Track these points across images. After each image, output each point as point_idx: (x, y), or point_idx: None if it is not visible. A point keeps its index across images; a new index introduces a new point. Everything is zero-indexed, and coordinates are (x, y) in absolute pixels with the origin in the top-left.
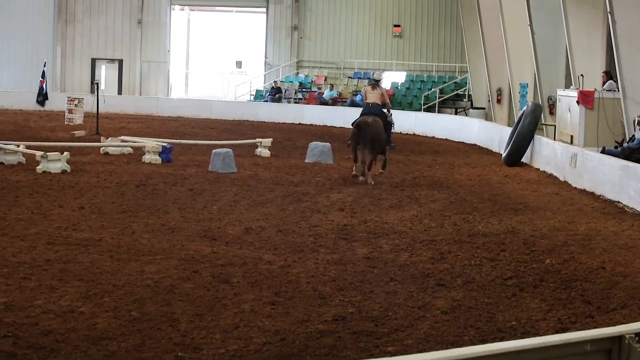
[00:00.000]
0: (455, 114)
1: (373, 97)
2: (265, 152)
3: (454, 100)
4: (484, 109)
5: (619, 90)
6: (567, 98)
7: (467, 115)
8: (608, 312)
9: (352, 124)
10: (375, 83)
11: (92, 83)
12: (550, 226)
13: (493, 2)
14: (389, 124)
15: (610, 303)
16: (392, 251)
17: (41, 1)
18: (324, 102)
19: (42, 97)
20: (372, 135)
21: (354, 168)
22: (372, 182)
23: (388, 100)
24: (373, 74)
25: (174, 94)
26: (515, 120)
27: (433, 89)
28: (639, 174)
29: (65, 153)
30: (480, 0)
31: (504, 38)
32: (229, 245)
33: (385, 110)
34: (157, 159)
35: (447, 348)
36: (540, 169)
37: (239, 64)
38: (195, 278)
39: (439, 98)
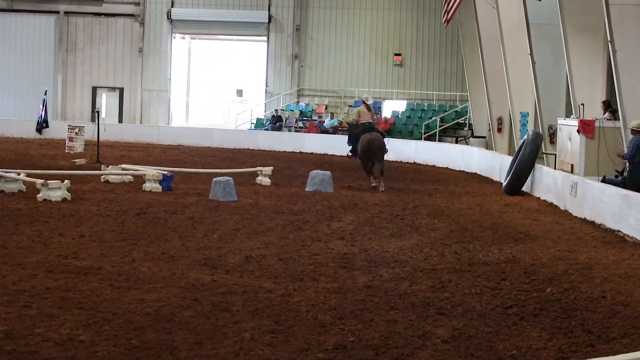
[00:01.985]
0: (456, 142)
1: (368, 117)
2: (266, 181)
3: (454, 129)
4: (484, 137)
5: (619, 119)
6: (567, 127)
7: (467, 144)
8: (609, 341)
9: (352, 141)
10: (367, 104)
11: (92, 111)
12: (551, 255)
13: (494, 31)
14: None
15: (611, 332)
16: (392, 280)
17: (42, 29)
18: (324, 131)
19: (41, 125)
20: (380, 149)
21: (372, 180)
22: (384, 189)
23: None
24: (364, 95)
25: (175, 122)
26: (516, 149)
27: (434, 118)
28: (639, 203)
29: (66, 181)
30: (481, 29)
31: (505, 67)
32: (229, 274)
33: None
34: (157, 187)
35: None
36: (541, 198)
37: (239, 92)
38: (196, 306)
39: (440, 127)
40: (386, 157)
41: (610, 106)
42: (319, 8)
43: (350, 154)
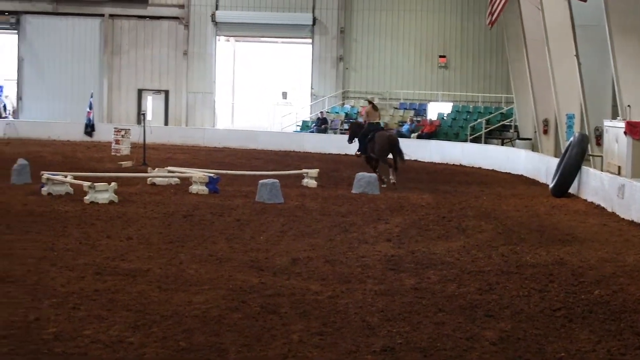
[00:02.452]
0: (502, 144)
1: (376, 117)
2: (312, 183)
3: (500, 131)
4: (530, 139)
5: None
6: (614, 129)
7: (513, 146)
8: None
9: (361, 140)
10: (374, 105)
11: (138, 114)
12: (599, 257)
13: (539, 32)
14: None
15: None
16: (439, 282)
17: (88, 33)
18: None
19: (90, 127)
20: (398, 146)
21: (390, 176)
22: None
23: None
24: (372, 98)
25: (220, 125)
26: (562, 151)
27: (479, 120)
28: None
29: (113, 183)
30: (526, 30)
31: (550, 68)
32: (276, 276)
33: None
34: (204, 190)
35: None
36: (588, 200)
37: (284, 95)
38: (244, 308)
39: (485, 129)
40: (433, 158)
41: None
42: (363, 10)
43: (359, 152)
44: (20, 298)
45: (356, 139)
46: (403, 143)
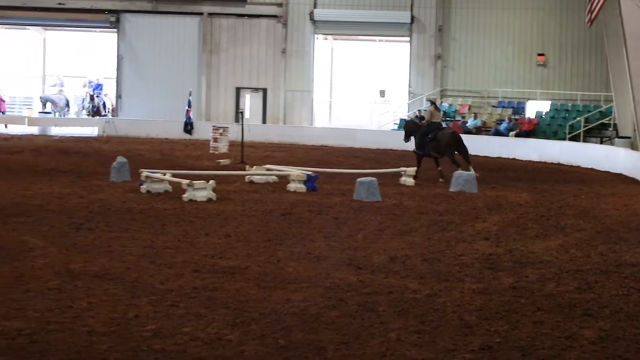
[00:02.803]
0: (601, 143)
1: (438, 117)
2: (410, 181)
3: (599, 129)
4: (629, 138)
5: None
6: None
7: (612, 145)
8: None
9: (421, 138)
10: (437, 106)
11: (236, 112)
12: None
13: (639, 30)
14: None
15: None
16: (538, 281)
17: (186, 31)
18: (467, 131)
19: (190, 126)
20: (462, 142)
21: (472, 172)
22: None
23: None
24: (434, 99)
25: (318, 123)
26: None
27: (578, 118)
28: None
29: (211, 181)
30: (626, 28)
31: None
32: (374, 274)
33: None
34: (302, 188)
35: None
36: None
37: (382, 93)
38: (341, 306)
39: (584, 127)
40: (531, 157)
41: None
42: (462, 8)
43: (418, 150)
44: (119, 295)
45: (412, 138)
46: (501, 141)
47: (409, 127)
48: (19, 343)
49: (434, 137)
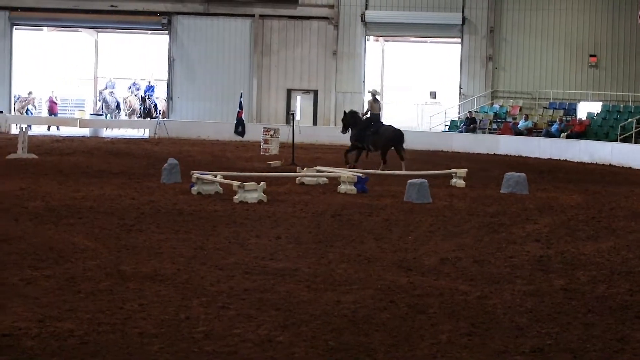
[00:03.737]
0: None
1: (377, 109)
2: (460, 183)
3: None
4: None
5: None
6: None
7: None
8: None
9: (366, 131)
10: (375, 96)
11: (287, 114)
12: None
13: None
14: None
15: None
16: (589, 283)
17: (238, 33)
18: (518, 133)
19: (241, 127)
20: (403, 140)
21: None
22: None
23: None
24: (375, 91)
25: None
26: None
27: (630, 120)
28: None
29: (262, 183)
30: None
31: None
32: (425, 276)
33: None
34: (352, 189)
35: None
36: None
37: (433, 95)
38: (392, 308)
39: (636, 128)
40: (582, 158)
41: None
42: (513, 10)
43: (354, 141)
44: (170, 297)
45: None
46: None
47: (347, 120)
48: (71, 344)
49: (376, 131)
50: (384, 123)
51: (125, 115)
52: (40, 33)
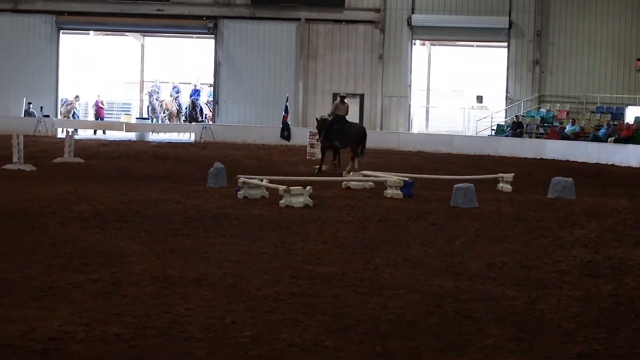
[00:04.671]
0: None
1: (343, 111)
2: (507, 187)
3: None
4: None
5: None
6: None
7: None
8: None
9: (331, 130)
10: (343, 99)
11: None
12: None
13: None
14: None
15: None
16: (637, 288)
17: (284, 37)
18: (565, 137)
19: (287, 131)
20: (365, 138)
21: (355, 165)
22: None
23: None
24: (344, 94)
25: (415, 129)
26: None
27: None
28: None
29: (308, 187)
30: None
31: None
32: (471, 280)
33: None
34: (398, 194)
35: None
36: None
37: (479, 99)
38: (439, 313)
39: None
40: (630, 163)
41: None
42: (560, 13)
43: (324, 141)
44: (216, 301)
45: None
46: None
47: (320, 126)
48: (118, 348)
49: (340, 128)
50: (349, 121)
51: (165, 119)
52: (87, 37)
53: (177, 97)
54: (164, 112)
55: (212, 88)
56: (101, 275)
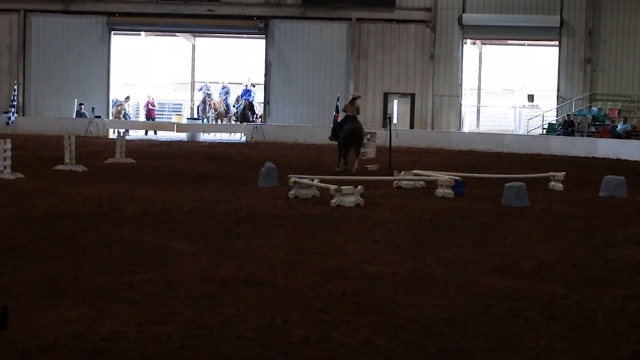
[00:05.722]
0: None
1: (353, 111)
2: (559, 186)
3: None
4: None
5: None
6: None
7: None
8: None
9: (337, 128)
10: (353, 100)
11: (384, 117)
12: None
13: None
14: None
15: None
16: None
17: (335, 37)
18: (617, 136)
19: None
20: (360, 137)
21: (340, 164)
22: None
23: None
24: (355, 95)
25: (466, 128)
26: None
27: None
28: None
29: (359, 187)
30: None
31: None
32: (523, 280)
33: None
34: (449, 193)
35: None
36: None
37: (530, 98)
38: (490, 312)
39: None
40: None
41: None
42: (612, 11)
43: (331, 138)
44: (267, 301)
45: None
46: None
47: (335, 125)
48: (171, 348)
49: (341, 125)
50: (351, 121)
51: (213, 119)
52: (138, 38)
53: (226, 97)
54: (212, 112)
55: (254, 87)
56: (153, 276)
